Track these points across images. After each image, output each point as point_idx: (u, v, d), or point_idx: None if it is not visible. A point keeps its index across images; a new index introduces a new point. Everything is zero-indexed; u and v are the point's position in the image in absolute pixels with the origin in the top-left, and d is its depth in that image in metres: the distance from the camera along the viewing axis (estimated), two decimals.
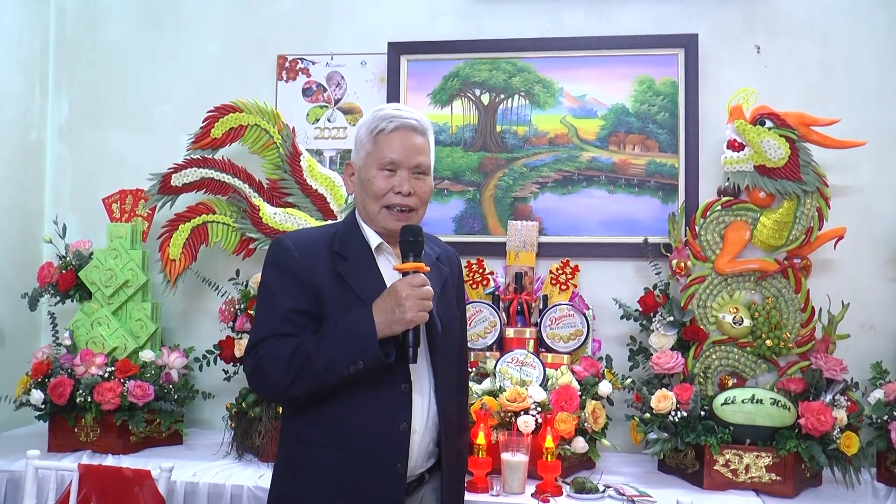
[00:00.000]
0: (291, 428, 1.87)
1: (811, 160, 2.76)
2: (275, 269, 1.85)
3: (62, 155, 3.51)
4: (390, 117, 1.87)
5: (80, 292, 3.10)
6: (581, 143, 3.16)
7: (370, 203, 1.88)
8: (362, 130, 1.91)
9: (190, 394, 3.07)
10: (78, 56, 3.52)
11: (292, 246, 1.85)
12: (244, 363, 1.85)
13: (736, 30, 3.12)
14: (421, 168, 1.89)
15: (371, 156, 1.88)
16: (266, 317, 1.83)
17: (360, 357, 1.71)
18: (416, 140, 1.88)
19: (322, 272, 1.82)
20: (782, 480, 2.52)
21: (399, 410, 1.81)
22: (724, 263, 2.83)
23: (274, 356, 1.76)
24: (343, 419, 1.79)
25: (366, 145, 1.89)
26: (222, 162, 3.08)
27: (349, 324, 1.75)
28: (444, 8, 3.29)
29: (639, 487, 2.51)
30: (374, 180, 1.86)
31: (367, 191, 1.88)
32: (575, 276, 3.03)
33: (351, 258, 1.86)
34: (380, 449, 1.79)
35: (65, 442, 2.89)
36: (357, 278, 1.83)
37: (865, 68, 3.05)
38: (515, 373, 2.73)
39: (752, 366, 2.80)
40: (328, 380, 1.74)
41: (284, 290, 1.82)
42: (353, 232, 1.92)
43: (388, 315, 1.72)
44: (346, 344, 1.72)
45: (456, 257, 2.10)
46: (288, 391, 1.76)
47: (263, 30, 3.39)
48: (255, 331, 1.84)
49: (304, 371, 1.73)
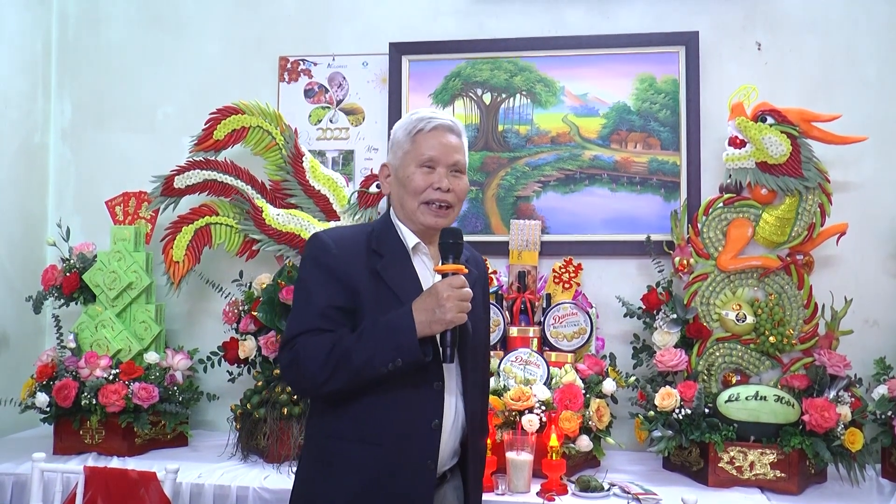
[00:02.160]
0: (323, 424, 1.88)
1: (813, 156, 2.76)
2: (312, 265, 1.87)
3: (65, 157, 3.52)
4: (428, 118, 1.91)
5: (84, 295, 3.11)
6: (583, 141, 3.16)
7: (409, 200, 1.91)
8: (399, 132, 1.94)
9: (194, 395, 3.07)
10: (80, 58, 3.53)
11: (331, 242, 1.87)
12: (279, 357, 1.87)
13: (736, 27, 3.12)
14: (458, 166, 1.93)
15: (409, 154, 1.91)
16: (303, 312, 1.84)
17: (399, 355, 1.74)
18: (452, 139, 1.93)
19: (360, 269, 1.84)
20: (787, 477, 2.52)
21: (431, 408, 1.84)
22: (726, 260, 2.83)
23: (312, 351, 1.78)
24: (377, 415, 1.81)
25: (404, 145, 1.92)
26: (225, 164, 3.09)
27: (389, 322, 1.77)
28: (445, 8, 3.29)
29: (644, 485, 2.51)
30: (413, 177, 1.89)
31: (405, 188, 1.91)
32: (578, 274, 3.03)
33: (387, 256, 1.88)
34: (412, 445, 1.81)
35: (70, 444, 2.90)
36: (394, 277, 1.86)
37: (866, 64, 3.05)
38: (519, 372, 2.74)
39: (756, 363, 2.80)
40: (366, 376, 1.76)
41: (322, 286, 1.83)
42: (389, 231, 1.94)
43: (429, 315, 1.74)
44: (386, 341, 1.75)
45: (482, 261, 2.14)
46: (324, 386, 1.78)
47: (265, 31, 3.40)
48: (292, 325, 1.85)
49: (343, 367, 1.75)
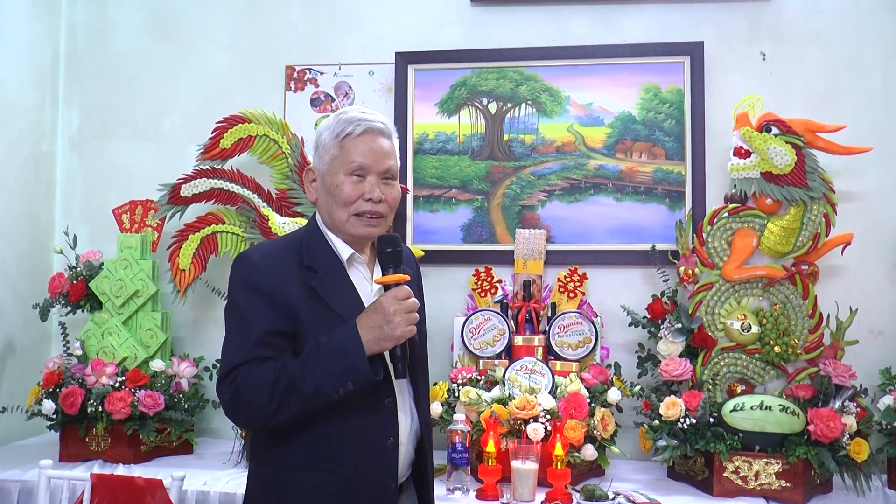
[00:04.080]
0: (271, 455, 1.75)
1: (817, 166, 2.76)
2: (244, 289, 1.74)
3: (73, 166, 3.54)
4: (357, 120, 1.78)
5: (90, 302, 3.12)
6: (588, 151, 3.17)
7: (338, 210, 1.78)
8: (325, 134, 1.80)
9: (200, 403, 3.08)
10: (88, 68, 3.55)
11: (261, 262, 1.75)
12: (219, 392, 1.71)
13: (741, 37, 3.13)
14: (390, 172, 1.81)
15: (337, 160, 1.78)
16: (239, 341, 1.71)
17: (349, 378, 1.64)
18: (383, 144, 1.80)
19: (295, 289, 1.72)
20: (792, 487, 2.52)
21: (386, 425, 1.76)
22: (731, 270, 2.83)
23: (254, 383, 1.66)
24: (329, 440, 1.71)
25: (331, 149, 1.79)
26: (231, 172, 3.10)
27: (334, 343, 1.66)
28: (451, 17, 3.30)
29: (648, 494, 2.51)
30: (343, 186, 1.77)
31: (334, 197, 1.78)
32: (583, 283, 3.04)
33: (321, 271, 1.76)
34: (370, 466, 1.73)
35: (76, 451, 2.91)
36: (331, 293, 1.75)
37: (871, 74, 3.05)
38: (524, 381, 2.74)
39: (761, 372, 2.80)
40: (316, 404, 1.66)
41: (257, 311, 1.71)
42: (319, 242, 1.82)
43: (377, 332, 1.65)
44: (334, 365, 1.64)
45: (411, 254, 2.03)
46: (271, 419, 1.66)
47: (271, 40, 3.42)
48: (229, 356, 1.72)
49: (290, 397, 1.64)
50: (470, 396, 2.68)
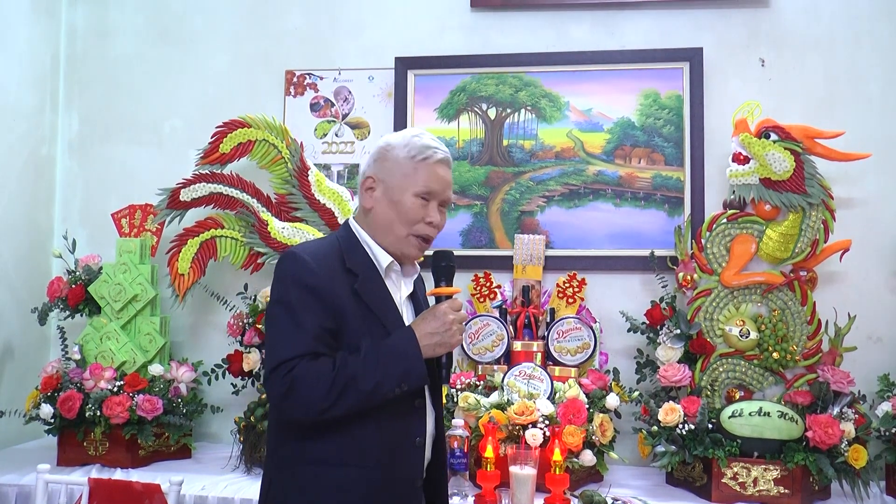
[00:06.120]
0: (299, 450, 1.79)
1: (816, 173, 2.77)
2: (295, 285, 1.77)
3: (72, 170, 3.54)
4: (434, 147, 1.87)
5: (89, 307, 3.12)
6: (587, 156, 3.17)
7: (399, 226, 1.85)
8: (400, 151, 1.86)
9: (198, 408, 3.08)
10: (88, 72, 3.55)
11: (311, 260, 1.78)
12: (271, 383, 1.73)
13: (740, 43, 3.14)
14: (449, 202, 1.93)
15: (409, 179, 1.84)
16: (293, 334, 1.74)
17: (405, 380, 1.73)
18: (449, 175, 1.91)
19: (340, 290, 1.78)
20: (790, 493, 2.52)
21: (415, 426, 1.83)
22: (730, 276, 2.83)
23: (313, 377, 1.70)
24: (363, 437, 1.77)
25: (404, 167, 1.84)
26: (231, 177, 3.11)
27: (393, 347, 1.75)
28: (451, 23, 3.31)
29: (647, 500, 2.51)
30: (410, 205, 1.84)
31: (398, 213, 1.84)
32: (582, 289, 3.04)
33: (362, 275, 1.82)
34: (400, 464, 1.80)
35: (74, 456, 2.91)
36: (373, 298, 1.82)
37: (869, 81, 3.06)
38: (523, 386, 2.74)
39: (759, 378, 2.80)
40: (371, 403, 1.72)
41: (309, 308, 1.75)
42: (357, 248, 1.87)
43: (435, 339, 1.76)
44: (393, 367, 1.72)
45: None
46: (326, 413, 1.71)
47: (271, 45, 3.42)
48: (280, 349, 1.74)
49: (349, 392, 1.70)
50: (468, 402, 2.68)
